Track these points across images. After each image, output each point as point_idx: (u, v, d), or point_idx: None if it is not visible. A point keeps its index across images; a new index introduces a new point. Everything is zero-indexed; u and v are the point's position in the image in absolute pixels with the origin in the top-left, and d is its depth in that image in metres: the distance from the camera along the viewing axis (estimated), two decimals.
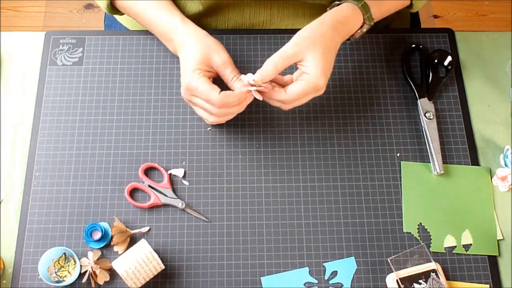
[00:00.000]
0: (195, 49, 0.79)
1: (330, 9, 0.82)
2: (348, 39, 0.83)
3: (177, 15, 0.83)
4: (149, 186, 0.82)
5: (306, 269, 0.78)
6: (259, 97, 0.78)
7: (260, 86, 0.76)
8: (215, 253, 0.79)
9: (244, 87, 0.76)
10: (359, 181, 0.83)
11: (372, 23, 0.83)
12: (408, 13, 1.06)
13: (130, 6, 0.86)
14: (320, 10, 0.94)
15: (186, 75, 0.78)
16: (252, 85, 0.76)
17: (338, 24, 0.79)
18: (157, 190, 0.81)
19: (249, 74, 0.77)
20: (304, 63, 0.76)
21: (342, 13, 0.80)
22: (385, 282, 0.77)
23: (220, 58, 0.79)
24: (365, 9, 0.81)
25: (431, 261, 0.77)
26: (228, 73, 0.79)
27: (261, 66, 0.87)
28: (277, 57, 0.75)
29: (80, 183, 0.82)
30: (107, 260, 0.77)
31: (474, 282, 0.78)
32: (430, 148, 0.84)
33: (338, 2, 0.82)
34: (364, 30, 0.83)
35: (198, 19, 0.94)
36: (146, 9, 0.84)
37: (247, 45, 0.92)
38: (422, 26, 1.12)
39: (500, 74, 0.92)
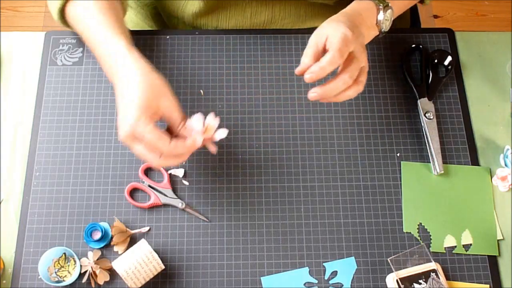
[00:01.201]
0: (140, 91, 0.69)
1: None
2: (380, 33, 0.82)
3: (122, 40, 0.74)
4: (149, 186, 0.82)
5: (306, 269, 0.78)
6: (214, 151, 0.74)
7: (209, 132, 0.72)
8: (215, 253, 0.79)
9: (193, 140, 0.70)
10: (359, 181, 0.83)
11: (387, 7, 0.80)
12: (408, 13, 1.06)
13: (77, 21, 0.80)
14: (322, 10, 0.94)
15: (128, 120, 0.68)
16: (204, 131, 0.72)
17: (357, 5, 0.79)
18: (157, 190, 0.81)
19: (197, 117, 0.72)
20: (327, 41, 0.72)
21: (361, 3, 0.79)
22: (385, 282, 0.77)
23: (168, 101, 0.70)
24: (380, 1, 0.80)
25: (431, 261, 0.77)
26: (175, 118, 0.71)
27: (261, 66, 0.87)
28: (306, 48, 0.73)
29: (80, 183, 0.82)
30: (107, 260, 0.77)
31: (474, 282, 0.78)
32: (430, 148, 0.84)
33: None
34: (387, 15, 0.80)
35: (199, 18, 0.94)
36: (91, 26, 0.77)
37: (247, 45, 0.92)
38: (422, 26, 1.12)
39: (500, 74, 0.92)
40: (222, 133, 0.73)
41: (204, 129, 0.72)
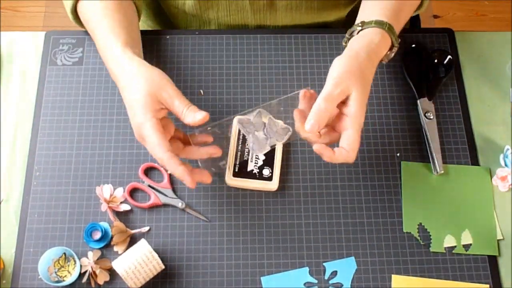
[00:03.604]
0: (141, 90, 0.70)
1: (351, 35, 0.77)
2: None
3: (120, 41, 0.75)
4: (149, 186, 0.82)
5: (306, 269, 0.78)
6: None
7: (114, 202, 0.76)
8: (215, 253, 0.79)
9: (185, 175, 0.68)
10: (359, 181, 0.83)
11: (398, 44, 0.78)
12: None
13: (85, 21, 0.81)
14: (320, 4, 0.93)
15: (136, 119, 0.70)
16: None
17: (372, 53, 0.73)
18: (157, 190, 0.81)
19: (106, 187, 0.78)
20: (348, 103, 0.69)
21: (373, 40, 0.74)
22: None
23: (167, 93, 0.70)
24: (391, 31, 0.75)
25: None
26: (177, 105, 0.70)
27: (261, 66, 0.87)
28: (323, 101, 0.67)
29: (80, 183, 0.82)
30: (107, 260, 0.77)
31: (474, 282, 0.78)
32: (430, 148, 0.84)
33: (359, 28, 0.76)
34: (393, 54, 0.78)
35: (199, 5, 0.94)
36: (96, 27, 0.78)
37: (247, 45, 0.92)
38: (422, 26, 1.12)
39: (500, 74, 0.92)
40: (126, 207, 0.79)
41: (110, 198, 0.78)
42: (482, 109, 0.89)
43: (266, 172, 0.81)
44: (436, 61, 0.91)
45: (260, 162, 0.82)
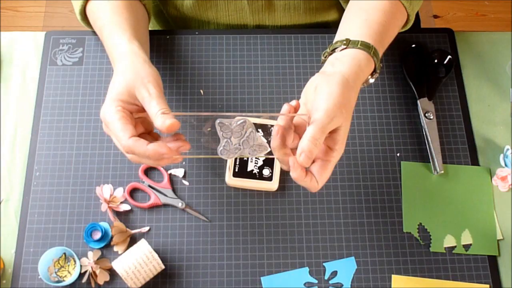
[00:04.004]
0: (122, 78, 0.68)
1: (333, 50, 0.72)
2: None
3: (126, 35, 0.74)
4: (149, 186, 0.82)
5: (306, 269, 0.78)
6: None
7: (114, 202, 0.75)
8: (215, 253, 0.79)
9: (160, 147, 0.63)
10: (359, 181, 0.83)
11: (379, 70, 0.74)
12: None
13: (95, 19, 0.80)
14: (319, 4, 0.93)
15: (104, 104, 0.67)
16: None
17: (358, 80, 0.69)
18: (157, 190, 0.81)
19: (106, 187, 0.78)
20: (335, 137, 0.66)
21: (361, 66, 0.69)
22: (388, 282, 0.77)
23: (147, 92, 0.66)
24: (376, 56, 0.71)
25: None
26: (153, 106, 0.65)
27: (261, 66, 0.87)
28: (317, 133, 0.62)
29: (80, 183, 0.82)
30: (107, 260, 0.77)
31: (474, 282, 0.78)
32: (430, 148, 0.84)
33: (344, 46, 0.71)
34: (373, 80, 0.74)
35: (198, 12, 0.94)
36: (104, 24, 0.77)
37: (247, 45, 0.92)
38: (422, 26, 1.12)
39: (500, 74, 0.92)
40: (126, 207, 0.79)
41: (110, 198, 0.78)
42: (482, 109, 0.89)
43: (266, 172, 0.81)
44: (436, 61, 0.91)
45: (260, 162, 0.82)
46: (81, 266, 0.76)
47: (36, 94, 0.88)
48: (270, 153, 0.67)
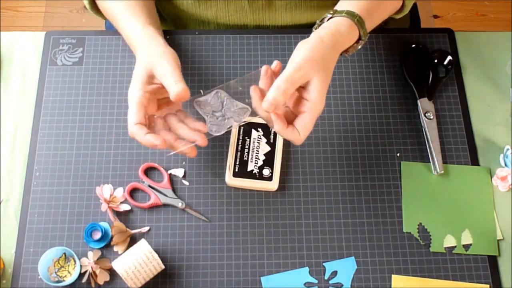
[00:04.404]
0: (140, 61, 0.74)
1: (322, 21, 0.77)
2: (341, 55, 0.77)
3: (140, 21, 0.79)
4: (149, 186, 0.82)
5: (306, 269, 0.78)
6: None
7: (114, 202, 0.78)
8: (215, 253, 0.79)
9: (154, 139, 0.69)
10: (359, 181, 0.83)
11: (367, 39, 0.77)
12: (408, 13, 1.06)
13: (106, 8, 0.84)
14: (320, 3, 0.93)
15: (129, 89, 0.73)
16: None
17: (337, 42, 0.73)
18: (157, 190, 0.81)
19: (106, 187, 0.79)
20: (309, 88, 0.70)
21: (340, 30, 0.74)
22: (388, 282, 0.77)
23: (163, 67, 0.72)
24: (360, 24, 0.75)
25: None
26: (168, 79, 0.71)
27: (261, 66, 0.87)
28: (283, 82, 0.68)
29: (80, 183, 0.82)
30: (107, 260, 0.77)
31: (474, 282, 0.78)
32: (430, 148, 0.84)
33: (330, 15, 0.76)
34: (359, 46, 0.78)
35: (198, 12, 0.94)
36: (116, 12, 0.82)
37: (247, 45, 0.92)
38: (422, 26, 1.12)
39: (500, 74, 0.92)
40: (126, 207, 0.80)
41: (110, 198, 0.79)
42: (482, 109, 0.89)
43: (266, 172, 0.81)
44: (436, 61, 0.91)
45: (260, 162, 0.82)
46: (81, 266, 0.76)
47: (36, 94, 0.88)
48: (254, 114, 0.71)
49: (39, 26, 1.90)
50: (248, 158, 0.82)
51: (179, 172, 0.83)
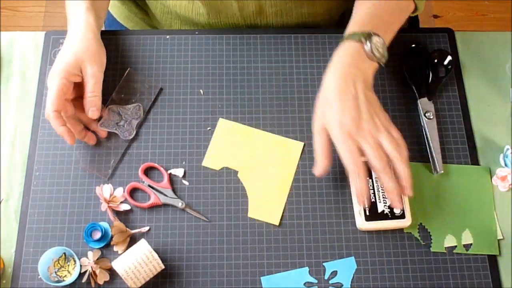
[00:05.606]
0: (72, 52, 0.79)
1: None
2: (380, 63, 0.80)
3: (83, 6, 0.84)
4: (149, 186, 0.82)
5: (306, 269, 0.78)
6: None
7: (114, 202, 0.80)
8: (215, 253, 0.79)
9: (66, 136, 0.78)
10: None
11: (373, 36, 0.78)
12: None
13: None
14: (311, 10, 0.93)
15: (52, 70, 0.78)
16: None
17: (341, 63, 0.77)
18: (157, 190, 0.81)
19: (106, 187, 0.81)
20: None
21: (340, 54, 0.78)
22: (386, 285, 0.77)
23: (92, 70, 0.79)
24: (364, 37, 0.77)
25: None
26: (90, 85, 0.79)
27: (260, 66, 0.87)
28: (315, 145, 0.77)
29: (80, 183, 0.82)
30: (107, 260, 0.77)
31: (474, 282, 0.78)
32: (430, 148, 0.84)
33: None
34: (377, 46, 0.78)
35: (190, 15, 0.94)
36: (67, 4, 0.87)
37: (247, 45, 0.92)
38: (422, 26, 1.12)
39: (500, 74, 0.92)
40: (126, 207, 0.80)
41: (110, 198, 0.80)
42: (482, 109, 0.89)
43: (396, 210, 0.79)
44: (436, 61, 0.91)
45: (388, 201, 0.80)
46: (81, 266, 0.76)
47: (36, 94, 0.88)
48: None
49: (39, 26, 1.90)
50: (376, 199, 0.81)
51: (179, 172, 0.83)
